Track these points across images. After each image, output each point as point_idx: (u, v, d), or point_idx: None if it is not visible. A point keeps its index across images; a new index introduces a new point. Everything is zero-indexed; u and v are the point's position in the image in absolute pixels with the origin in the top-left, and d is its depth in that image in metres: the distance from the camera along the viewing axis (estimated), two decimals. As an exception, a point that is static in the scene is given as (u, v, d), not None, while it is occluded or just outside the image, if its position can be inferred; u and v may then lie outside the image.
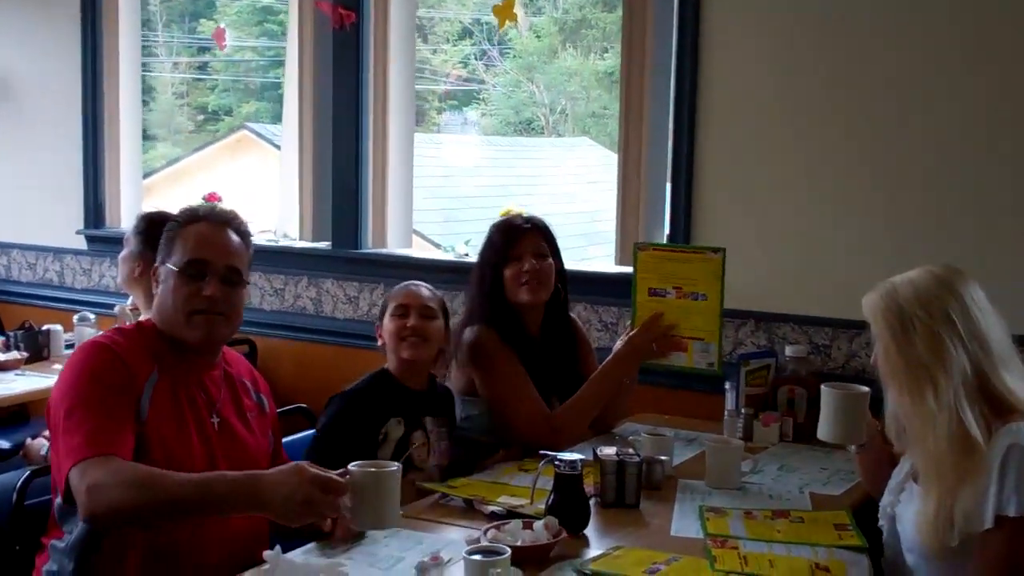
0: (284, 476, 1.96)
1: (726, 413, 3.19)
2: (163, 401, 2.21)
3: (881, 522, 2.34)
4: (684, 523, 2.42)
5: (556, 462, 2.33)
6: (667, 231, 3.57)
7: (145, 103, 6.90)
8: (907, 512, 2.21)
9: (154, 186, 7.92)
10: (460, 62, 12.72)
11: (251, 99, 12.31)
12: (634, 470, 2.53)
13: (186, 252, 2.31)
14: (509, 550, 1.93)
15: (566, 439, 2.92)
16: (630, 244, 3.61)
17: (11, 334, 4.00)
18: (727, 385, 3.24)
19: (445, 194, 8.81)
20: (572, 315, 3.32)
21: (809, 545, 2.25)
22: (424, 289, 2.88)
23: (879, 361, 2.19)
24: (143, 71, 5.00)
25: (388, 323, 2.81)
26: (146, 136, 8.14)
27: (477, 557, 1.90)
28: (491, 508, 2.41)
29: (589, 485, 2.55)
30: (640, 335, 3.00)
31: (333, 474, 1.99)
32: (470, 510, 2.45)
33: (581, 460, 2.34)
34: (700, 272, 2.91)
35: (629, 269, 3.61)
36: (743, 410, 3.19)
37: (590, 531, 2.34)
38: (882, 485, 2.35)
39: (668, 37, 3.52)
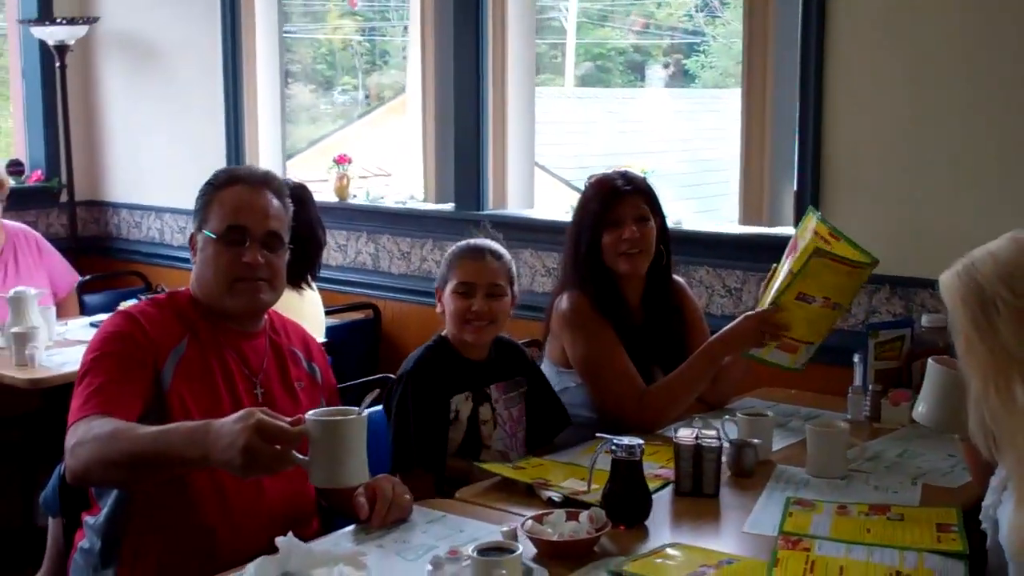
0: (231, 422, 1.78)
1: (850, 390, 2.88)
2: (190, 370, 2.13)
3: (984, 524, 2.01)
4: (763, 517, 2.17)
5: (612, 446, 2.12)
6: (795, 187, 3.25)
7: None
8: (1005, 516, 1.89)
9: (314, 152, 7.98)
10: (685, 15, 12.36)
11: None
12: (712, 456, 2.29)
13: (224, 218, 2.21)
14: (520, 549, 1.75)
15: (659, 418, 2.70)
16: (754, 201, 3.33)
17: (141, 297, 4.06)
18: (855, 358, 2.92)
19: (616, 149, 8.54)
20: (680, 280, 3.07)
21: (899, 548, 1.97)
22: (490, 258, 2.60)
23: (960, 352, 1.84)
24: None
25: (450, 299, 2.57)
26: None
27: (482, 556, 1.72)
28: (549, 494, 2.23)
29: (668, 469, 2.34)
30: (753, 325, 2.69)
31: (285, 421, 1.79)
32: (531, 494, 2.28)
33: (640, 444, 2.12)
34: (848, 285, 2.61)
35: (754, 229, 3.37)
36: (871, 386, 2.87)
37: (653, 523, 2.13)
38: (988, 480, 2.02)
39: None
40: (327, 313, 4.02)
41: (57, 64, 5.05)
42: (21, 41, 5.39)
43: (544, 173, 5.96)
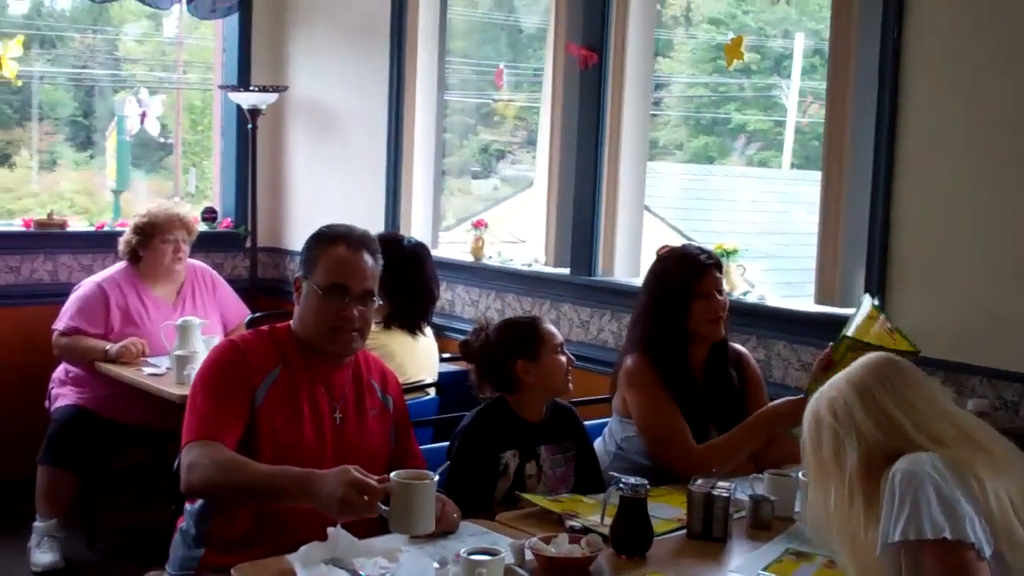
0: (331, 476, 2.24)
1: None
2: (280, 395, 2.57)
3: None
4: (754, 562, 2.43)
5: (620, 484, 2.44)
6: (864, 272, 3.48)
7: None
8: None
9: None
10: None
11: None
12: (722, 504, 2.57)
13: (328, 275, 2.64)
14: (503, 554, 2.10)
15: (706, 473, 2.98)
16: (828, 282, 3.56)
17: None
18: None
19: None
20: (743, 349, 3.36)
21: (863, 597, 2.20)
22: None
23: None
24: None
25: (551, 360, 2.93)
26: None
27: (468, 557, 2.08)
28: (571, 523, 2.57)
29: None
30: (788, 409, 2.97)
31: (373, 479, 2.23)
32: (561, 523, 2.61)
33: (645, 485, 2.44)
34: None
35: (828, 309, 3.60)
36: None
37: (656, 557, 2.42)
38: None
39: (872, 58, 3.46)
40: (448, 359, 4.47)
41: (249, 125, 5.69)
42: (222, 105, 6.13)
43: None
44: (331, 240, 2.71)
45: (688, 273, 3.14)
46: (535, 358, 2.93)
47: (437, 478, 2.28)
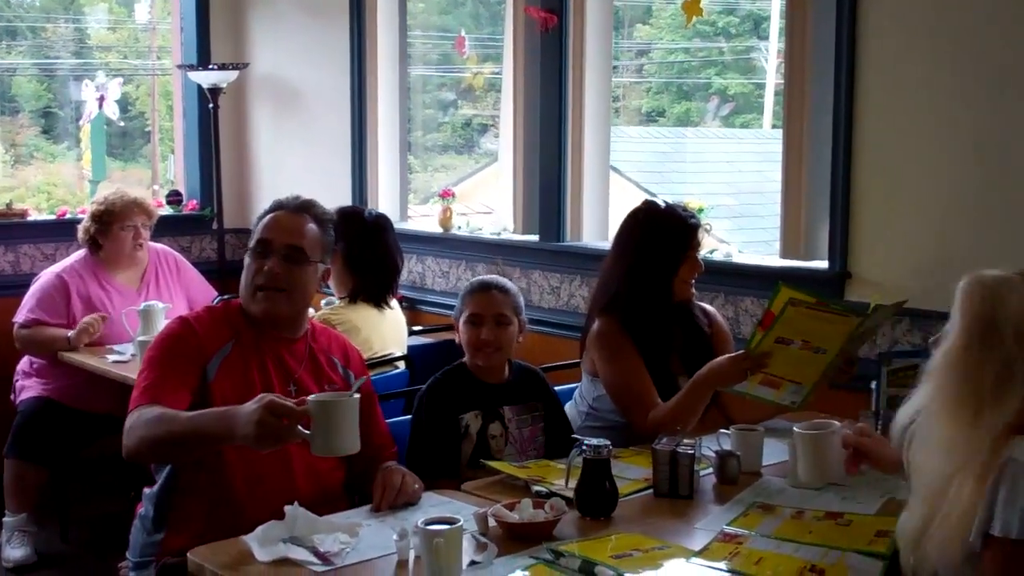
0: (250, 404, 2.17)
1: (861, 414, 3.05)
2: (232, 370, 2.52)
3: None
4: (720, 517, 2.41)
5: (583, 446, 2.41)
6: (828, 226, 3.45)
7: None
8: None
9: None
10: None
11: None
12: (686, 461, 2.54)
13: (256, 234, 2.61)
14: (460, 522, 2.05)
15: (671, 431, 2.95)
16: (793, 237, 3.53)
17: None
18: (872, 385, 3.10)
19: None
20: (710, 307, 3.34)
21: (828, 547, 2.18)
22: (497, 292, 2.93)
23: (938, 354, 1.95)
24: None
25: (463, 328, 2.91)
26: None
27: (426, 527, 2.04)
28: (537, 488, 2.53)
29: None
30: (727, 364, 2.87)
31: (291, 402, 2.17)
32: (528, 489, 2.57)
33: (608, 446, 2.41)
34: (833, 331, 2.74)
35: (795, 262, 3.57)
36: (883, 411, 3.04)
37: (623, 518, 2.39)
38: None
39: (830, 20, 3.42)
40: (420, 332, 4.43)
41: (211, 105, 5.62)
42: (183, 85, 6.04)
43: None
44: (272, 209, 2.69)
45: (681, 232, 3.10)
46: (458, 322, 2.95)
47: (357, 396, 2.22)
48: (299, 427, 2.18)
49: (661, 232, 3.11)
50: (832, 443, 2.47)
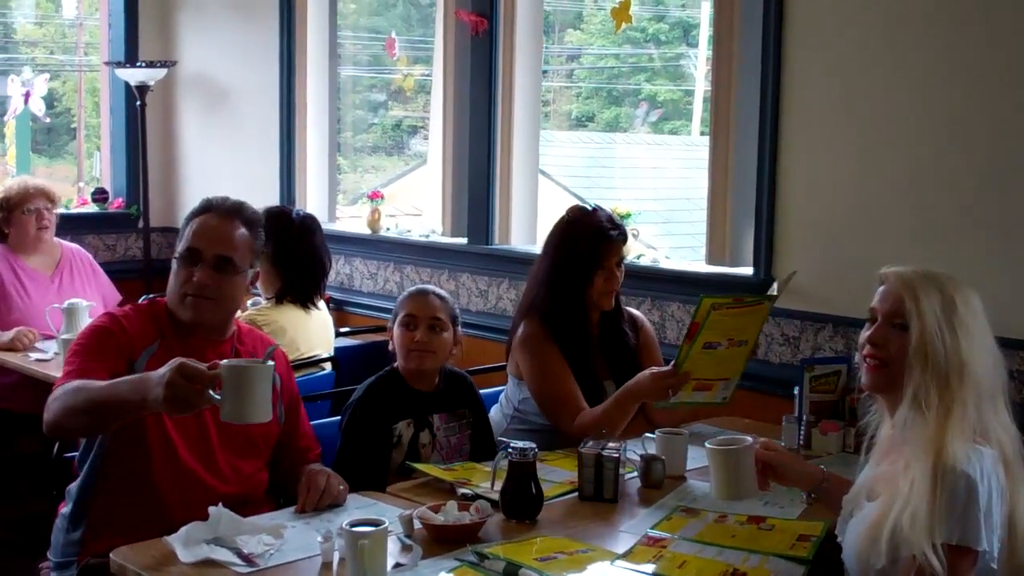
0: (162, 369, 2.13)
1: (784, 418, 3.11)
2: (158, 367, 2.48)
3: (840, 537, 2.24)
4: (645, 520, 2.43)
5: (509, 449, 2.42)
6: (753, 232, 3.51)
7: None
8: (853, 528, 2.12)
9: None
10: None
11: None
12: (611, 465, 2.56)
13: (186, 241, 2.57)
14: (385, 524, 2.06)
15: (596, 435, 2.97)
16: (719, 242, 3.58)
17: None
18: (795, 390, 3.16)
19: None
20: (637, 312, 3.37)
21: (750, 551, 2.21)
22: (434, 298, 2.92)
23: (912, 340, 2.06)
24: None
25: (396, 331, 2.89)
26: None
27: (351, 528, 2.03)
28: (463, 490, 2.54)
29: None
30: (648, 382, 2.87)
31: (203, 366, 2.13)
32: (454, 492, 2.58)
33: (534, 449, 2.42)
34: (750, 321, 2.81)
35: (720, 269, 3.62)
36: (805, 416, 3.10)
37: (548, 521, 2.41)
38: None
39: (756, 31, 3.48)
40: (347, 333, 4.42)
41: (138, 102, 5.55)
42: (110, 82, 5.95)
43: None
44: (201, 210, 2.64)
45: (597, 245, 3.11)
46: (392, 326, 2.94)
47: (271, 363, 2.19)
48: (211, 392, 2.13)
49: (579, 242, 3.13)
50: (744, 459, 2.35)
